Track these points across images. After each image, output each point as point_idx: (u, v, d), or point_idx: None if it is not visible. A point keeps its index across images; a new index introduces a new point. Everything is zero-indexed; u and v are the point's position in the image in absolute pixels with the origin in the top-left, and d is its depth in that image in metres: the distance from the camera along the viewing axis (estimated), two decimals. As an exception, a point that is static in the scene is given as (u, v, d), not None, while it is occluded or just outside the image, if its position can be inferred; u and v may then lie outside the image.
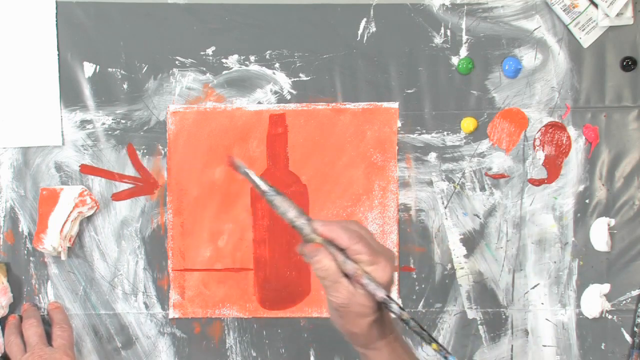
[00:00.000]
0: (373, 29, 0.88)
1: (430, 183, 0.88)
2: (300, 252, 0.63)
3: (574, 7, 0.87)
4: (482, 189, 0.88)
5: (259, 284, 0.89)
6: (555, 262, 0.88)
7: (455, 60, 0.88)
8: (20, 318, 0.85)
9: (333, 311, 0.63)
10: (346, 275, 0.61)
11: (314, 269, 0.62)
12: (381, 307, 0.63)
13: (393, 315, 0.62)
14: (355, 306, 0.61)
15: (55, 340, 0.82)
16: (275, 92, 0.88)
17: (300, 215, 0.63)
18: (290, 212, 0.63)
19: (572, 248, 0.88)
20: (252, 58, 0.88)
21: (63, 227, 0.86)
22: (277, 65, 0.88)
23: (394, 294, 0.88)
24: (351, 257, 0.61)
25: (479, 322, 0.88)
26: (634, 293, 0.88)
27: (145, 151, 0.88)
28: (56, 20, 0.87)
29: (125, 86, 0.88)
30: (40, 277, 0.88)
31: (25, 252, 0.88)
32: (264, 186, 0.64)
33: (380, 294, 0.60)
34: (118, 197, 0.88)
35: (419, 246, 0.88)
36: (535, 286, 0.88)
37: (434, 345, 0.62)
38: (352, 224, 0.63)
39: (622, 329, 0.88)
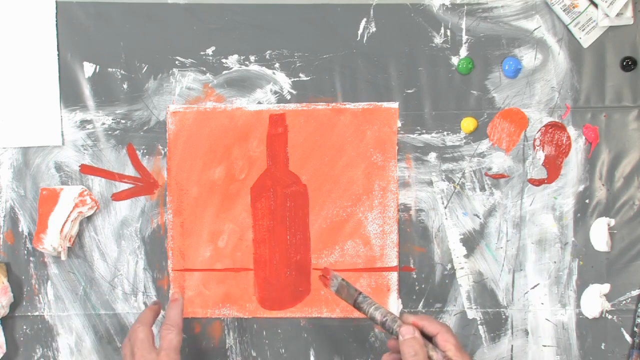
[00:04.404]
0: (373, 29, 0.88)
1: (430, 183, 0.88)
2: (395, 334, 0.70)
3: (574, 7, 0.87)
4: (482, 189, 0.88)
5: (259, 284, 0.89)
6: (555, 262, 0.88)
7: (455, 60, 0.88)
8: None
9: None
10: None
11: (405, 351, 0.68)
12: None
13: None
14: None
15: (160, 340, 0.78)
16: (275, 92, 0.88)
17: (388, 312, 0.72)
18: (379, 311, 0.72)
19: (572, 248, 0.88)
20: (252, 58, 0.88)
21: (63, 227, 0.86)
22: (277, 65, 0.88)
23: (394, 295, 0.88)
24: (439, 345, 0.68)
25: (479, 322, 0.88)
26: (634, 293, 0.88)
27: (145, 151, 0.88)
28: (56, 20, 0.87)
29: (125, 86, 0.88)
30: (40, 277, 0.88)
31: (25, 252, 0.88)
32: (356, 291, 0.74)
33: None
34: (118, 197, 0.88)
35: (419, 246, 0.88)
36: (535, 286, 0.88)
37: None
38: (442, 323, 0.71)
39: (622, 329, 0.88)
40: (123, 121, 0.88)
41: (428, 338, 0.70)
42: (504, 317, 0.88)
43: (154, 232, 0.88)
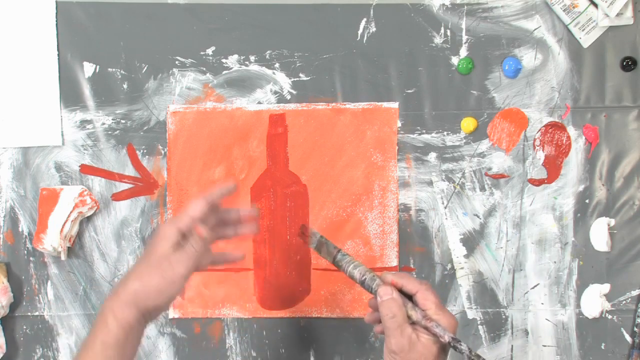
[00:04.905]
0: (373, 29, 0.88)
1: (430, 183, 0.88)
2: (374, 293, 0.67)
3: (574, 7, 0.87)
4: (482, 189, 0.88)
5: (259, 284, 0.89)
6: (555, 262, 0.88)
7: (455, 60, 0.88)
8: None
9: (389, 355, 0.65)
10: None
11: (383, 312, 0.65)
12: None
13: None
14: (413, 354, 0.64)
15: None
16: (275, 92, 0.88)
17: (367, 271, 0.68)
18: (358, 269, 0.68)
19: (572, 248, 0.88)
20: (252, 58, 0.88)
21: (63, 227, 0.86)
22: (277, 65, 0.88)
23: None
24: (419, 304, 0.65)
25: (479, 322, 0.88)
26: (634, 293, 0.88)
27: (145, 151, 0.88)
28: (56, 20, 0.87)
29: (125, 86, 0.88)
30: (40, 277, 0.88)
31: (25, 252, 0.88)
32: (335, 248, 0.70)
33: (448, 336, 0.63)
34: (118, 197, 0.88)
35: (419, 246, 0.88)
36: (535, 286, 0.88)
37: None
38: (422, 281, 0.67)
39: (622, 329, 0.88)
40: (123, 121, 0.88)
41: (408, 297, 0.67)
42: (504, 317, 0.88)
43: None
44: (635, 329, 0.87)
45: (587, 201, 0.88)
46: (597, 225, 0.88)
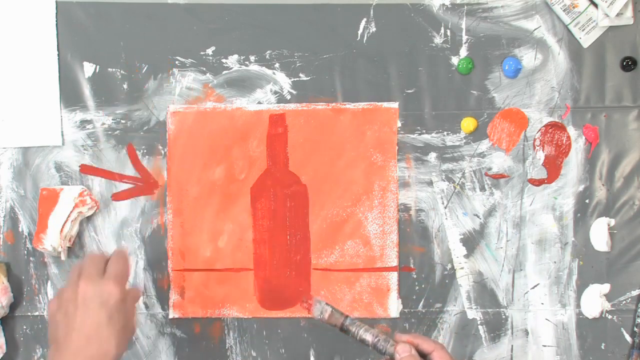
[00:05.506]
0: (373, 29, 0.88)
1: (430, 183, 0.88)
2: (387, 354, 0.68)
3: (574, 7, 0.87)
4: (482, 189, 0.88)
5: (259, 284, 0.89)
6: (555, 262, 0.88)
7: (455, 60, 0.88)
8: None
9: None
10: None
11: None
12: None
13: None
14: None
15: (107, 268, 0.74)
16: (275, 92, 0.88)
17: (380, 332, 0.69)
18: (369, 332, 0.69)
19: (572, 248, 0.88)
20: (252, 58, 0.88)
21: (63, 227, 0.86)
22: (277, 65, 0.88)
23: (394, 295, 0.88)
24: None
25: (479, 322, 0.88)
26: (634, 293, 0.88)
27: (145, 151, 0.88)
28: (56, 20, 0.87)
29: (125, 86, 0.88)
30: (40, 277, 0.88)
31: (25, 252, 0.88)
32: (342, 315, 0.71)
33: None
34: (118, 197, 0.88)
35: (419, 246, 0.88)
36: (535, 286, 0.88)
37: None
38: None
39: (622, 329, 0.88)
40: (123, 121, 0.88)
41: (422, 356, 0.69)
42: (504, 317, 0.88)
43: (154, 232, 0.88)
44: (635, 329, 0.88)
45: (587, 201, 0.88)
46: (597, 225, 0.88)
